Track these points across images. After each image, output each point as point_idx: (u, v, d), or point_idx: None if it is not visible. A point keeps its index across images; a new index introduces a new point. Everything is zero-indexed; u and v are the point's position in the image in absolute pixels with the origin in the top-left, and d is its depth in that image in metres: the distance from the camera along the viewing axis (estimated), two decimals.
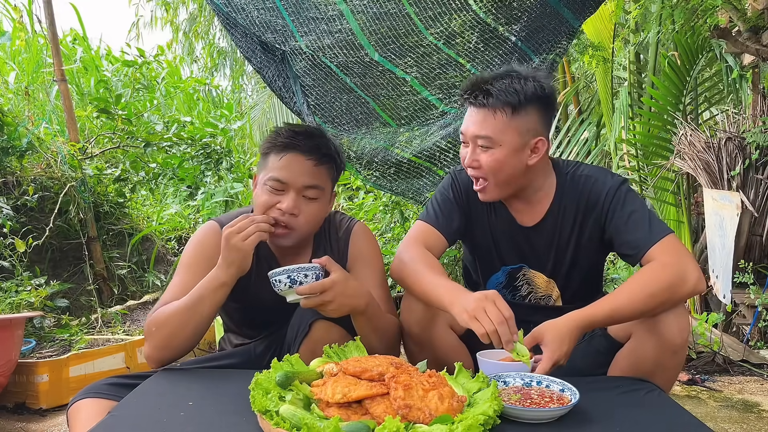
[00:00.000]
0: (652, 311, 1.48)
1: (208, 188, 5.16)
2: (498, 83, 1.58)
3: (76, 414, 1.39)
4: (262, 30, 2.71)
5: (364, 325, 1.50)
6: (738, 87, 4.49)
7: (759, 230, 3.42)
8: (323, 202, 1.61)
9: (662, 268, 1.49)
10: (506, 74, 1.61)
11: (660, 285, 1.47)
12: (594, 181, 1.68)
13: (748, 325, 3.28)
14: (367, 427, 1.04)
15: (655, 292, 1.46)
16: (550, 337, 1.41)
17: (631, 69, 4.62)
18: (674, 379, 1.62)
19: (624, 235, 1.61)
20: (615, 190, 1.65)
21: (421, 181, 2.94)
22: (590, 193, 1.68)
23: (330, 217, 1.75)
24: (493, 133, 1.58)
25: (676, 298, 1.48)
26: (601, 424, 1.17)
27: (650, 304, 1.46)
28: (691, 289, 1.49)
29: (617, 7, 4.37)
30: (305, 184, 1.55)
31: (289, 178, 1.54)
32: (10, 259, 3.19)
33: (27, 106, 4.72)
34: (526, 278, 1.80)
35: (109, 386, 1.45)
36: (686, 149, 3.75)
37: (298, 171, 1.55)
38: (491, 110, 1.58)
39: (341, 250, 1.71)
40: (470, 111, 1.64)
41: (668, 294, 1.47)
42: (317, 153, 1.57)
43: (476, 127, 1.60)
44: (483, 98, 1.58)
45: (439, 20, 2.73)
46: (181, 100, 7.61)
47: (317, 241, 1.72)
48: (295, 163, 1.55)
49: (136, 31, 11.03)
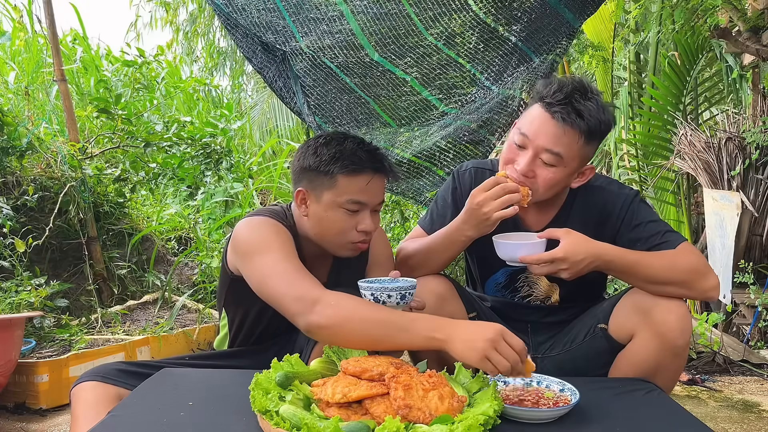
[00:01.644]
0: (665, 285, 1.49)
1: (208, 188, 5.16)
2: (588, 105, 1.50)
3: (80, 394, 1.39)
4: (263, 30, 2.71)
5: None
6: (738, 87, 4.49)
7: (759, 230, 3.43)
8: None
9: (691, 254, 1.53)
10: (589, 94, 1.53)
11: (685, 265, 1.49)
12: (607, 192, 1.68)
13: (748, 325, 3.28)
14: (367, 427, 1.04)
15: (679, 268, 1.48)
16: (569, 241, 1.44)
17: (631, 69, 4.63)
18: (676, 380, 1.62)
19: (640, 244, 1.60)
20: (629, 202, 1.65)
21: (421, 181, 2.94)
22: (604, 205, 1.67)
23: None
24: (566, 153, 1.52)
25: (692, 286, 1.50)
26: (601, 424, 1.17)
27: (669, 276, 1.48)
28: (708, 287, 1.51)
29: (617, 7, 4.37)
30: (379, 202, 1.59)
31: (370, 200, 1.55)
32: (10, 259, 3.19)
33: (27, 106, 4.71)
34: (528, 280, 1.80)
35: (116, 371, 1.44)
36: (686, 149, 3.75)
37: (378, 191, 1.57)
38: (574, 130, 1.50)
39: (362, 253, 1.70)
40: (544, 119, 1.52)
41: (689, 276, 1.49)
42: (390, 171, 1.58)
43: (550, 140, 1.51)
44: (574, 117, 1.49)
45: (439, 21, 2.73)
46: (181, 100, 7.60)
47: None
48: (377, 185, 1.55)
49: (135, 32, 11.03)
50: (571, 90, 1.51)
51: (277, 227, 1.55)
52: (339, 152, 1.52)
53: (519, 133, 1.57)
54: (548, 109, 1.51)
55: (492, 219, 1.49)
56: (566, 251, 1.42)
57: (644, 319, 1.51)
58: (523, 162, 1.54)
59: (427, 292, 1.61)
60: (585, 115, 1.49)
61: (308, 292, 1.33)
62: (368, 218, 1.54)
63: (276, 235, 1.52)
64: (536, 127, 1.53)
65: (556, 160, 1.52)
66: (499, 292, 1.84)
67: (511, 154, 1.59)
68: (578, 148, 1.52)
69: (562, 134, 1.50)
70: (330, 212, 1.54)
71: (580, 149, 1.53)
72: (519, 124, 1.60)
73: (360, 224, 1.54)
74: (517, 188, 1.48)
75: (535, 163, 1.54)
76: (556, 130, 1.50)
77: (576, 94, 1.51)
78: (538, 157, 1.53)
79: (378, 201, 1.57)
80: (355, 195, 1.52)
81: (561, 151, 1.51)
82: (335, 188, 1.52)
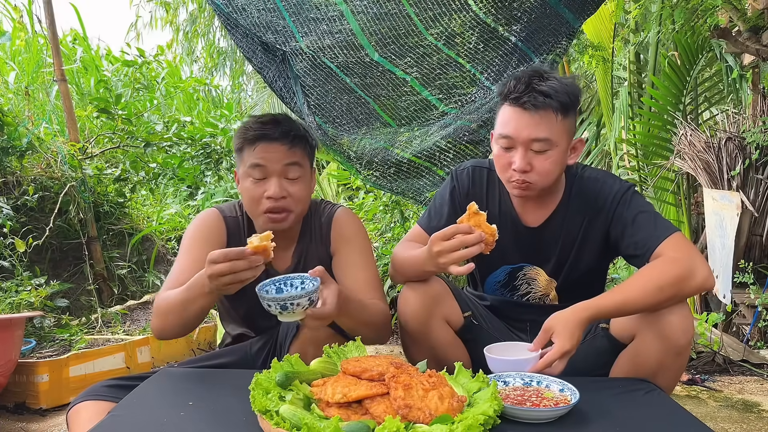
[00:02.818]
0: (659, 305, 1.48)
1: (208, 188, 5.16)
2: (550, 84, 1.54)
3: (76, 416, 1.40)
4: (263, 30, 2.71)
5: (347, 321, 1.52)
6: (738, 87, 4.49)
7: (759, 230, 3.42)
8: (306, 180, 1.67)
9: (672, 262, 1.50)
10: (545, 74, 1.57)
11: (669, 278, 1.47)
12: (602, 184, 1.69)
13: (748, 325, 3.28)
14: (367, 427, 1.04)
15: (664, 285, 1.46)
16: (560, 329, 1.41)
17: (631, 69, 4.62)
18: (677, 380, 1.62)
19: (630, 237, 1.61)
20: (622, 194, 1.66)
21: (421, 181, 2.94)
22: (597, 196, 1.68)
23: (315, 204, 1.79)
24: (551, 134, 1.55)
25: (684, 292, 1.48)
26: (601, 424, 1.17)
27: (659, 297, 1.46)
28: (699, 284, 1.49)
29: (617, 7, 4.37)
30: (285, 163, 1.61)
31: (268, 164, 1.60)
32: (10, 259, 3.19)
33: (27, 106, 4.71)
34: (526, 277, 1.80)
35: (108, 388, 1.45)
36: (686, 149, 3.75)
37: (275, 156, 1.61)
38: (548, 111, 1.54)
39: (324, 236, 1.75)
40: (518, 114, 1.56)
41: (677, 288, 1.47)
42: (288, 137, 1.62)
43: (531, 129, 1.54)
44: (542, 99, 1.53)
45: (439, 21, 2.73)
46: (181, 100, 7.60)
47: (303, 229, 1.76)
48: (270, 150, 1.61)
49: (135, 32, 11.03)
50: (529, 77, 1.56)
51: (202, 221, 1.72)
52: (243, 129, 1.66)
53: (501, 137, 1.60)
54: (517, 104, 1.56)
55: (449, 270, 1.48)
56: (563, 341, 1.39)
57: (646, 319, 1.51)
58: (518, 159, 1.57)
59: (422, 292, 1.62)
60: (551, 93, 1.53)
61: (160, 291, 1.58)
62: (273, 184, 1.59)
63: (193, 229, 1.70)
64: (515, 125, 1.57)
65: (547, 144, 1.56)
66: (499, 291, 1.84)
67: (504, 160, 1.62)
68: (559, 124, 1.56)
69: (539, 120, 1.54)
70: (243, 183, 1.65)
71: (562, 124, 1.57)
72: (497, 131, 1.63)
73: (267, 191, 1.60)
74: (478, 237, 1.42)
75: (528, 156, 1.57)
76: (532, 118, 1.54)
77: (534, 79, 1.56)
78: (529, 149, 1.57)
79: (280, 165, 1.60)
80: (252, 159, 1.61)
81: (546, 135, 1.55)
82: (242, 160, 1.65)
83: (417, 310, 1.62)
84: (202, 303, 1.47)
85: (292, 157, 1.62)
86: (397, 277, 1.72)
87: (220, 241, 1.70)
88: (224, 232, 1.72)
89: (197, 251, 1.62)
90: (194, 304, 1.47)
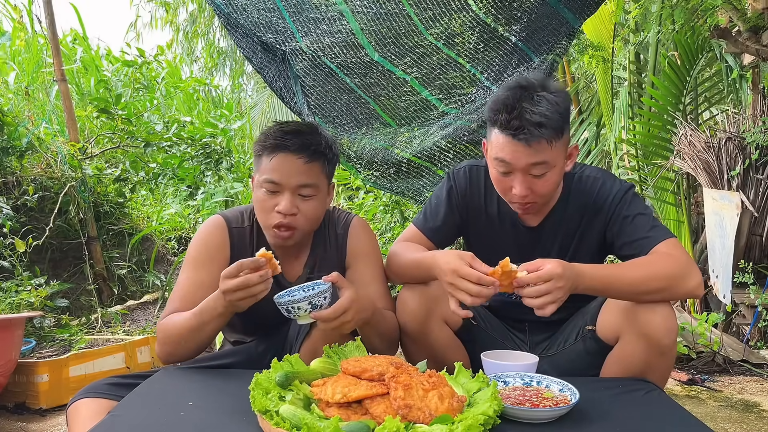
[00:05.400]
0: (645, 294, 1.48)
1: (208, 188, 5.16)
2: (539, 109, 1.49)
3: (75, 414, 1.39)
4: (263, 30, 2.71)
5: (370, 331, 1.52)
6: (738, 87, 4.49)
7: (759, 230, 3.42)
8: (320, 199, 1.61)
9: (669, 257, 1.50)
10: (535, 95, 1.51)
11: (663, 271, 1.47)
12: (601, 183, 1.69)
13: (748, 325, 3.28)
14: (367, 427, 1.04)
15: (656, 276, 1.46)
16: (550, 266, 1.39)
17: (631, 69, 4.62)
18: (666, 378, 1.62)
19: (627, 237, 1.61)
20: (622, 194, 1.65)
21: (421, 181, 2.94)
22: (596, 195, 1.68)
23: (328, 213, 1.74)
24: (549, 157, 1.53)
25: (672, 290, 1.49)
26: (601, 424, 1.17)
27: (647, 286, 1.46)
28: (690, 289, 1.49)
29: (617, 7, 4.37)
30: (299, 183, 1.55)
31: (281, 179, 1.54)
32: (10, 259, 3.19)
33: (27, 106, 4.71)
34: None
35: (108, 386, 1.45)
36: (686, 149, 3.75)
37: (290, 171, 1.54)
38: (542, 141, 1.50)
39: (340, 246, 1.72)
40: (513, 144, 1.52)
41: (667, 283, 1.47)
42: (307, 151, 1.55)
43: (529, 157, 1.52)
44: (535, 130, 1.48)
45: (439, 21, 2.73)
46: (181, 100, 7.60)
47: (316, 239, 1.72)
48: (286, 164, 1.54)
49: (135, 32, 11.03)
50: (519, 103, 1.50)
51: (205, 236, 1.66)
52: (264, 135, 1.59)
53: (498, 161, 1.57)
54: (509, 134, 1.52)
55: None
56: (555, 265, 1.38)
57: (629, 319, 1.51)
58: (517, 186, 1.56)
59: (420, 293, 1.62)
60: (544, 121, 1.49)
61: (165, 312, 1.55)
62: (285, 199, 1.53)
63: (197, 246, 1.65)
64: (511, 153, 1.53)
65: (545, 167, 1.54)
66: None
67: (503, 184, 1.61)
68: (555, 147, 1.54)
69: (536, 149, 1.51)
70: (257, 192, 1.59)
71: (558, 145, 1.55)
72: (493, 152, 1.59)
73: (278, 205, 1.55)
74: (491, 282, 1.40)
75: (528, 181, 1.56)
76: (527, 148, 1.51)
77: (524, 104, 1.50)
78: (528, 174, 1.55)
79: (294, 182, 1.54)
80: (266, 173, 1.55)
81: (545, 158, 1.53)
82: (259, 168, 1.59)
83: (416, 310, 1.62)
84: (215, 326, 1.47)
85: (307, 175, 1.55)
86: (394, 279, 1.73)
87: (223, 257, 1.64)
88: (228, 247, 1.66)
89: (203, 265, 1.60)
90: (207, 327, 1.47)
